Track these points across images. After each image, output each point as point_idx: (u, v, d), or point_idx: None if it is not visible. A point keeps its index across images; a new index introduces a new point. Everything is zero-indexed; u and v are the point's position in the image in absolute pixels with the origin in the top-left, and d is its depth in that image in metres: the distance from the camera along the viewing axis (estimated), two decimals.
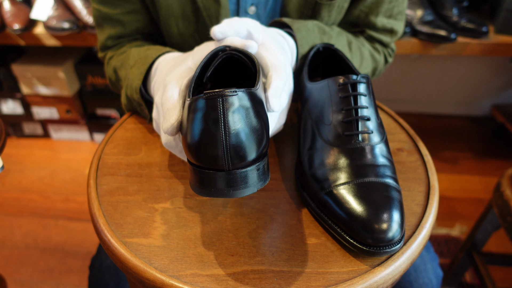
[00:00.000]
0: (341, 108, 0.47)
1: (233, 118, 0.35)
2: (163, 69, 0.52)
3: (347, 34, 0.67)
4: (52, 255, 1.32)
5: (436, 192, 0.50)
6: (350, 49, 0.65)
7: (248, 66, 0.46)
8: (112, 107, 1.70)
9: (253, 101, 0.36)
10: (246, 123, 0.35)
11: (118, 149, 0.57)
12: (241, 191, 0.36)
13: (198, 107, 0.35)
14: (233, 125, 0.35)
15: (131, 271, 0.42)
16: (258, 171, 0.37)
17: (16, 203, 1.51)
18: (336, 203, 0.43)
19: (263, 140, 0.37)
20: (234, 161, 0.35)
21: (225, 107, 0.34)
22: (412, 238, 0.44)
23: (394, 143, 0.57)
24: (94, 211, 0.47)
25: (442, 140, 1.76)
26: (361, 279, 0.40)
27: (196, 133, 0.35)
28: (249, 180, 0.36)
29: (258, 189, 0.38)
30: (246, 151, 0.35)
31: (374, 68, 0.71)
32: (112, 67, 0.65)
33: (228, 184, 0.36)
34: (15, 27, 1.33)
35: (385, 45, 0.72)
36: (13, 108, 1.73)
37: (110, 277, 0.68)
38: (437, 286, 0.66)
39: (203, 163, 0.36)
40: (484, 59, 1.71)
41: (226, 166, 0.35)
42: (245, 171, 0.36)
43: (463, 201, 1.47)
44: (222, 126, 0.34)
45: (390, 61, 0.74)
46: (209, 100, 0.34)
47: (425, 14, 1.28)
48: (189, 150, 0.37)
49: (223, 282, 0.40)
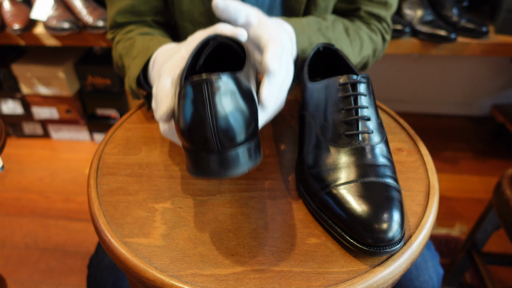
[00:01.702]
0: (341, 108, 0.47)
1: (219, 102, 0.36)
2: (159, 60, 0.53)
3: (342, 20, 0.69)
4: (52, 255, 1.32)
5: (436, 192, 0.50)
6: (348, 35, 0.67)
7: (239, 53, 0.47)
8: (112, 107, 1.70)
9: (238, 84, 0.38)
10: (232, 106, 0.37)
11: (118, 149, 0.57)
12: (232, 170, 0.38)
13: (186, 93, 0.37)
14: (220, 108, 0.36)
15: (131, 271, 0.42)
16: (249, 151, 0.39)
17: (16, 203, 1.51)
18: (336, 203, 0.43)
19: (251, 122, 0.38)
20: (224, 142, 0.37)
21: (211, 91, 0.36)
22: (412, 238, 0.44)
23: (394, 143, 0.57)
24: (94, 211, 0.47)
25: (442, 140, 1.76)
26: (361, 279, 0.40)
27: (186, 117, 0.37)
28: (240, 160, 0.38)
29: (249, 168, 0.39)
30: (235, 132, 0.37)
31: (374, 49, 0.73)
32: (118, 53, 0.67)
33: (220, 164, 0.38)
34: (15, 27, 1.33)
35: (382, 20, 0.74)
36: (13, 108, 1.73)
37: (108, 276, 0.68)
38: (437, 284, 0.66)
39: (195, 146, 0.38)
40: (484, 59, 1.71)
41: (217, 148, 0.37)
42: (236, 152, 0.38)
43: (463, 201, 1.47)
44: (209, 110, 0.36)
45: (388, 38, 0.76)
46: (195, 85, 0.36)
47: (425, 14, 1.28)
48: (181, 135, 0.38)
49: (223, 282, 0.40)
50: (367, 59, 0.72)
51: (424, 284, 0.64)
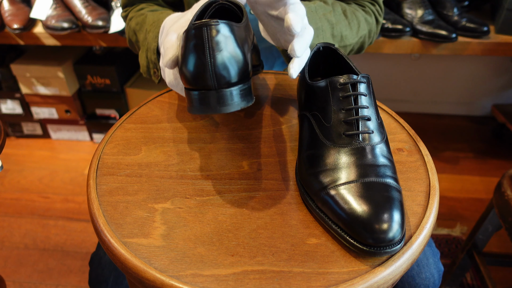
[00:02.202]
0: (341, 108, 0.47)
1: (217, 44, 0.41)
2: (167, 26, 0.57)
3: (340, 3, 0.74)
4: (51, 255, 1.32)
5: (437, 192, 0.50)
6: (346, 16, 0.72)
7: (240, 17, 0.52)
8: (112, 107, 1.70)
9: (233, 32, 0.43)
10: (228, 49, 0.42)
11: (117, 149, 0.56)
12: (227, 107, 0.43)
13: (188, 37, 0.42)
14: (217, 49, 0.41)
15: (131, 271, 0.41)
16: (242, 92, 0.44)
17: (15, 203, 1.51)
18: (337, 203, 0.42)
19: (243, 65, 0.43)
20: (220, 80, 0.42)
21: (210, 35, 0.41)
22: (412, 238, 0.44)
23: (395, 143, 0.57)
24: (94, 211, 0.47)
25: (442, 140, 1.75)
26: (362, 279, 0.40)
27: (188, 59, 0.42)
28: (234, 98, 0.43)
29: (242, 107, 0.44)
30: (229, 71, 0.42)
31: (369, 30, 0.77)
32: (132, 29, 0.73)
33: (217, 101, 0.43)
34: (14, 26, 1.33)
35: (375, 2, 0.79)
36: (12, 108, 1.73)
37: (110, 272, 0.68)
38: (438, 281, 0.66)
39: (195, 84, 0.43)
40: (485, 58, 1.71)
41: (214, 85, 0.42)
42: (230, 90, 0.43)
43: (463, 201, 1.47)
44: (208, 50, 0.41)
45: (380, 20, 0.81)
46: (196, 29, 0.41)
47: (426, 14, 1.28)
48: (184, 75, 0.43)
49: (223, 282, 0.40)
50: (363, 39, 0.77)
51: (425, 280, 0.64)
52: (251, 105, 0.65)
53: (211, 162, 0.54)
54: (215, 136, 0.59)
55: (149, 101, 0.66)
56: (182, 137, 0.59)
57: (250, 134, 0.59)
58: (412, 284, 0.64)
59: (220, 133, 0.60)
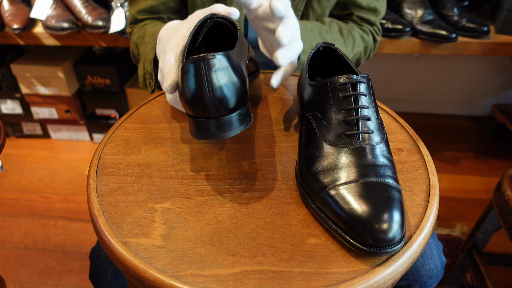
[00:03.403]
0: (341, 108, 0.47)
1: (215, 76, 0.43)
2: (163, 37, 0.58)
3: (337, 22, 0.78)
4: (51, 255, 1.32)
5: (437, 192, 0.50)
6: (342, 35, 0.77)
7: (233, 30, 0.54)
8: (112, 107, 1.70)
9: (230, 61, 0.45)
10: (225, 79, 0.44)
11: (117, 149, 0.56)
12: (227, 133, 0.45)
13: (187, 69, 0.44)
14: (215, 81, 0.43)
15: (131, 271, 0.41)
16: (240, 116, 0.46)
17: (15, 203, 1.51)
18: (336, 203, 0.42)
19: (241, 91, 0.46)
20: (220, 109, 0.44)
21: (207, 68, 0.43)
22: (412, 238, 0.44)
23: (395, 143, 0.57)
24: (94, 211, 0.47)
25: (442, 140, 1.75)
26: (362, 279, 0.40)
27: (188, 90, 0.44)
28: (233, 124, 0.46)
29: (241, 131, 0.47)
30: (228, 101, 0.44)
31: (365, 47, 0.82)
32: (134, 43, 0.77)
33: (217, 128, 0.45)
34: (14, 26, 1.33)
35: (372, 24, 0.83)
36: (12, 108, 1.73)
37: (109, 265, 0.69)
38: (441, 272, 0.67)
39: (196, 113, 0.45)
40: (485, 58, 1.71)
41: (213, 114, 0.44)
42: (229, 117, 0.45)
43: (463, 201, 1.47)
44: (206, 83, 0.43)
45: (378, 39, 0.85)
46: (195, 63, 0.43)
47: (426, 14, 1.28)
48: (185, 104, 0.45)
49: (223, 282, 0.40)
50: (359, 55, 0.81)
51: (429, 272, 0.65)
52: (251, 105, 0.65)
53: (211, 162, 0.54)
54: None
55: (149, 101, 0.66)
56: (182, 137, 0.59)
57: (250, 134, 0.59)
58: (416, 275, 0.65)
59: None
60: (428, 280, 0.65)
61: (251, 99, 0.67)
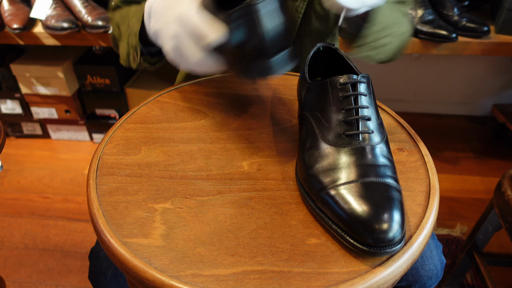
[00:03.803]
0: (341, 108, 0.47)
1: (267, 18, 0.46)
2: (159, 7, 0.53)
3: None
4: (51, 255, 1.32)
5: (437, 192, 0.49)
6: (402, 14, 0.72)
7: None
8: (112, 107, 1.69)
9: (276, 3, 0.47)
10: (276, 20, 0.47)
11: (117, 149, 0.56)
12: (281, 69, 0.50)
13: (238, 17, 0.46)
14: (268, 23, 0.47)
15: (131, 271, 0.41)
16: (290, 54, 0.50)
17: (15, 204, 1.51)
18: (337, 203, 0.42)
19: (288, 31, 0.50)
20: (273, 48, 0.48)
21: (258, 11, 0.46)
22: (412, 238, 0.44)
23: (395, 143, 0.57)
24: (94, 211, 0.47)
25: (442, 140, 1.75)
26: (362, 279, 0.40)
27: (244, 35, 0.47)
28: (285, 61, 0.50)
29: (292, 67, 0.51)
30: (280, 39, 0.48)
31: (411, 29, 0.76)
32: (115, 24, 0.71)
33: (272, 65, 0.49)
34: (14, 26, 1.33)
35: None
36: (12, 108, 1.73)
37: (108, 265, 0.69)
38: (441, 272, 0.67)
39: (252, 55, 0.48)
40: (485, 58, 1.71)
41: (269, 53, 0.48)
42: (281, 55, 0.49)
43: (464, 201, 1.47)
44: (260, 26, 0.46)
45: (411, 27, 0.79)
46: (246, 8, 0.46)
47: (426, 14, 1.28)
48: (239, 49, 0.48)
49: (223, 282, 0.40)
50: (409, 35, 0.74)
51: (429, 272, 0.65)
52: (251, 105, 0.65)
53: (211, 162, 0.54)
54: (215, 136, 0.59)
55: (149, 101, 0.66)
56: (182, 137, 0.59)
57: (250, 134, 0.59)
58: (416, 275, 0.64)
59: (220, 133, 0.59)
60: (428, 280, 0.65)
61: (251, 99, 0.67)
